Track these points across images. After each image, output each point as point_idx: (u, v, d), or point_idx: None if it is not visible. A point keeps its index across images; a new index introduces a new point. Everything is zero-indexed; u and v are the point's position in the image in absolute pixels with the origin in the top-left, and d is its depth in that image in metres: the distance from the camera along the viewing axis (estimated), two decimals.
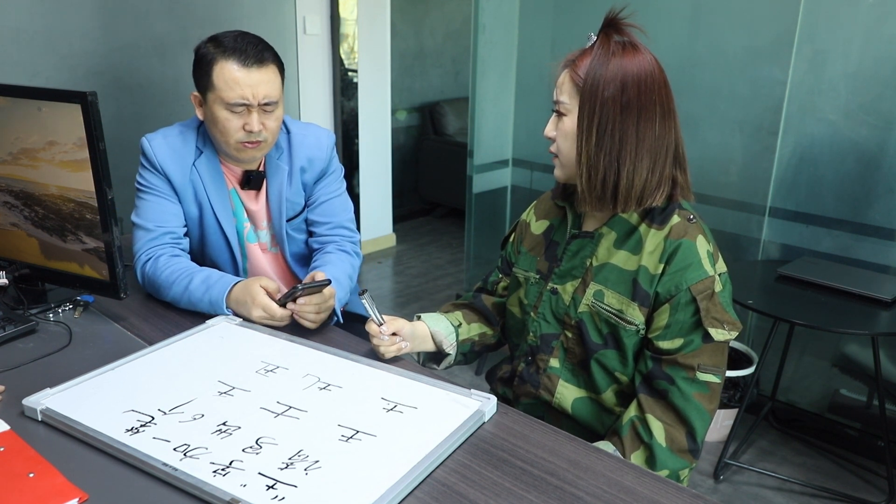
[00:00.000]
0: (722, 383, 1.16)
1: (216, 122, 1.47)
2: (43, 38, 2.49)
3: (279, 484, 0.88)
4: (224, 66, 1.42)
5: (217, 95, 1.44)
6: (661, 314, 1.13)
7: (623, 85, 1.09)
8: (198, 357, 1.23)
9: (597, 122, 1.11)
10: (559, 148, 1.17)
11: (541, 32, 3.06)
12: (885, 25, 2.13)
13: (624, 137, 1.10)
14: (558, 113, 1.16)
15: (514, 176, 3.34)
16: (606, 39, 1.12)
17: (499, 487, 0.92)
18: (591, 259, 1.21)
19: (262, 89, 1.44)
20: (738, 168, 2.52)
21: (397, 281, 3.97)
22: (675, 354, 1.13)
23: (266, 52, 1.45)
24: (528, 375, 1.28)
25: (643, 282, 1.15)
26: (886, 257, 2.25)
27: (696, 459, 1.17)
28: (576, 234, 1.24)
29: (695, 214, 1.18)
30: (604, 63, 1.10)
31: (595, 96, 1.10)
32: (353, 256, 1.65)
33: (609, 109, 1.10)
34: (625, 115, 1.10)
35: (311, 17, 3.46)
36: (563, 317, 1.23)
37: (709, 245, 1.15)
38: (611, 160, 1.11)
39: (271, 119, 1.48)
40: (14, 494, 0.87)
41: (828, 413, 2.44)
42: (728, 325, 1.13)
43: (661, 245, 1.14)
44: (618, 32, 1.13)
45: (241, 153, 1.50)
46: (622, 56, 1.11)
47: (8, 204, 1.44)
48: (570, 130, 1.14)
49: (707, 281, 1.11)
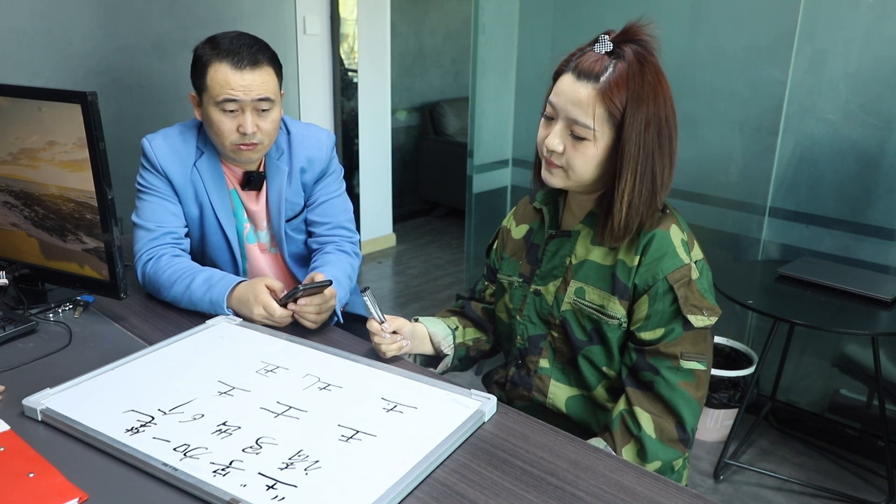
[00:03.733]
0: (708, 370, 1.16)
1: (211, 123, 1.47)
2: (43, 38, 2.49)
3: (279, 484, 0.88)
4: (218, 68, 1.42)
5: (211, 97, 1.44)
6: (641, 305, 1.14)
7: (659, 121, 1.09)
8: (198, 357, 1.23)
9: (639, 162, 1.09)
10: (571, 167, 1.12)
11: (541, 32, 3.06)
12: (885, 25, 2.13)
13: (663, 169, 1.11)
14: (577, 137, 1.10)
15: (514, 176, 3.35)
16: (636, 65, 1.07)
17: (499, 487, 0.92)
18: (570, 258, 1.21)
19: (256, 90, 1.43)
20: (738, 168, 2.52)
21: (397, 281, 3.97)
22: (657, 344, 1.13)
23: (261, 54, 1.45)
24: (520, 378, 1.29)
25: (621, 275, 1.15)
26: (886, 257, 2.25)
27: (688, 449, 1.17)
28: (553, 233, 1.24)
29: (668, 205, 1.18)
30: (641, 96, 1.06)
31: (640, 137, 1.07)
32: (353, 257, 1.65)
33: (650, 149, 1.09)
34: (660, 152, 1.10)
35: (311, 17, 3.46)
36: (548, 317, 1.24)
37: (683, 234, 1.16)
38: (646, 193, 1.11)
39: (266, 121, 1.47)
40: (14, 494, 0.87)
41: (828, 413, 2.44)
42: (707, 311, 1.13)
43: (635, 237, 1.15)
44: (632, 40, 1.09)
45: (236, 155, 1.50)
46: (654, 88, 1.07)
47: (8, 204, 1.44)
48: (594, 157, 1.11)
49: (683, 269, 1.12)
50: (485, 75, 3.16)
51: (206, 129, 1.51)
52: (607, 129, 1.09)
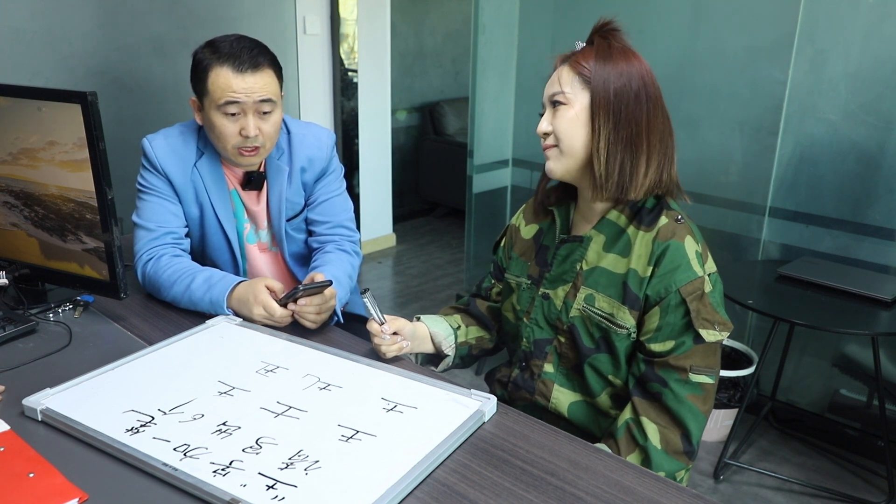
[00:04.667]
0: (716, 384, 1.16)
1: (213, 127, 1.46)
2: (43, 38, 2.49)
3: (279, 484, 0.88)
4: (219, 72, 1.42)
5: (212, 100, 1.43)
6: (652, 317, 1.13)
7: (630, 77, 1.12)
8: (198, 357, 1.23)
9: (612, 109, 1.12)
10: (559, 137, 1.16)
11: (541, 32, 3.06)
12: (885, 25, 2.13)
13: (638, 126, 1.12)
14: (556, 104, 1.16)
15: (514, 176, 3.35)
16: (603, 41, 1.15)
17: (499, 487, 0.92)
18: (580, 263, 1.21)
19: (257, 92, 1.43)
20: (738, 168, 2.52)
21: (397, 281, 3.97)
22: (666, 357, 1.13)
23: (261, 57, 1.44)
24: (523, 381, 1.29)
25: (633, 285, 1.14)
26: (886, 257, 2.25)
27: (692, 461, 1.17)
28: (565, 238, 1.24)
29: (683, 214, 1.17)
30: (608, 57, 1.13)
31: (608, 85, 1.12)
32: (353, 256, 1.65)
33: (623, 98, 1.12)
34: (637, 105, 1.12)
35: (311, 17, 3.46)
36: (556, 322, 1.23)
37: (697, 245, 1.15)
38: (626, 146, 1.12)
39: (268, 123, 1.47)
40: (14, 494, 0.87)
41: (828, 413, 2.44)
42: (719, 326, 1.12)
43: (649, 247, 1.14)
44: (612, 39, 1.15)
45: (238, 159, 1.50)
46: (623, 54, 1.14)
47: (8, 204, 1.44)
48: (574, 118, 1.14)
49: (696, 282, 1.11)
50: (485, 75, 3.16)
51: (207, 133, 1.51)
52: (580, 90, 1.14)
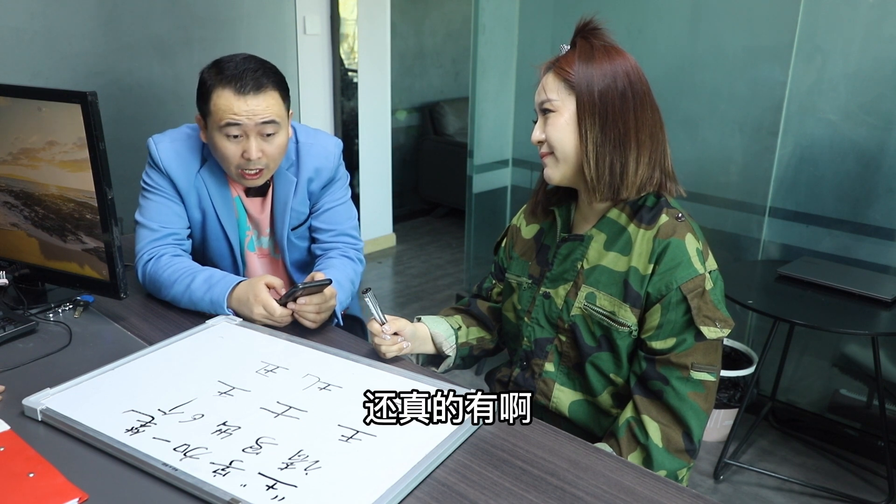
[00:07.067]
0: (717, 381, 1.16)
1: (216, 148, 1.45)
2: (43, 38, 2.49)
3: (279, 484, 0.88)
4: (220, 94, 1.39)
5: (214, 122, 1.42)
6: (653, 314, 1.13)
7: (615, 76, 1.13)
8: (198, 357, 1.23)
9: (598, 112, 1.12)
10: (553, 145, 1.17)
11: (541, 32, 3.06)
12: (885, 25, 2.13)
13: (626, 125, 1.13)
14: (545, 112, 1.17)
15: (514, 176, 3.34)
16: (585, 43, 1.15)
17: (499, 487, 0.92)
18: (581, 262, 1.21)
19: (259, 114, 1.40)
20: (738, 168, 2.52)
21: (397, 281, 3.97)
22: (668, 354, 1.13)
23: (265, 78, 1.41)
24: (524, 380, 1.29)
25: (634, 283, 1.15)
26: (886, 257, 2.25)
27: (694, 459, 1.17)
28: (565, 237, 1.24)
29: (683, 212, 1.17)
30: (591, 59, 1.13)
31: (592, 88, 1.12)
32: (357, 263, 1.64)
33: (608, 100, 1.12)
34: (623, 104, 1.12)
35: (311, 17, 3.47)
36: (557, 321, 1.23)
37: (698, 243, 1.15)
38: (614, 147, 1.13)
39: (272, 145, 1.44)
40: (14, 494, 0.87)
41: (828, 413, 2.44)
42: (720, 323, 1.13)
43: (650, 245, 1.14)
44: (594, 38, 1.16)
45: (241, 180, 1.49)
46: (606, 53, 1.14)
47: (8, 204, 1.44)
48: (565, 124, 1.15)
49: (697, 279, 1.11)
50: (485, 75, 3.16)
51: (211, 152, 1.50)
52: (566, 95, 1.15)
